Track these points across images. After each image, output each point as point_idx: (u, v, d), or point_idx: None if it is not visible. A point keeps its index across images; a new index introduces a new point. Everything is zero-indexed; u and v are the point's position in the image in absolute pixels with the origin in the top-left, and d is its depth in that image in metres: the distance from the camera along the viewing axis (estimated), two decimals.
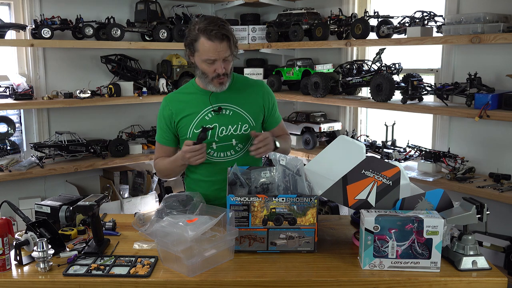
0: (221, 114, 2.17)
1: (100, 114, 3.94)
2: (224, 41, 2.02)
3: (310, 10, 3.84)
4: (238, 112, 2.19)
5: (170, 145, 2.27)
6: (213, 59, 2.04)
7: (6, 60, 3.57)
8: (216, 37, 1.99)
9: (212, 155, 2.18)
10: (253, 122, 2.21)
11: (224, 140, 2.17)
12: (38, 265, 1.66)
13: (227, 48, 2.04)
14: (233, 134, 2.17)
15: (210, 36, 2.00)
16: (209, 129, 2.06)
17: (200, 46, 2.04)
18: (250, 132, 2.17)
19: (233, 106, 2.19)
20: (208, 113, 2.17)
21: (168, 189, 4.08)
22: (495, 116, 2.64)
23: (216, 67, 2.06)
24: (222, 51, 2.03)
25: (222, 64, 2.05)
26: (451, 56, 3.15)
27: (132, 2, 3.91)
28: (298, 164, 1.85)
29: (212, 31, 1.99)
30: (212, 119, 2.16)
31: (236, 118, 2.18)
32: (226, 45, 2.03)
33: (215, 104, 2.17)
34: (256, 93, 2.26)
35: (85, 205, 1.81)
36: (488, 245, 2.59)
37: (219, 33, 1.99)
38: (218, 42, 2.00)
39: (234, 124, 2.17)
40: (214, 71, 2.07)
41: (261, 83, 2.34)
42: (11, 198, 2.19)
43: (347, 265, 1.71)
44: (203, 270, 1.65)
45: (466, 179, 2.85)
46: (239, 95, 2.21)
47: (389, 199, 1.75)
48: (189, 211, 1.90)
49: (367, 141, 3.56)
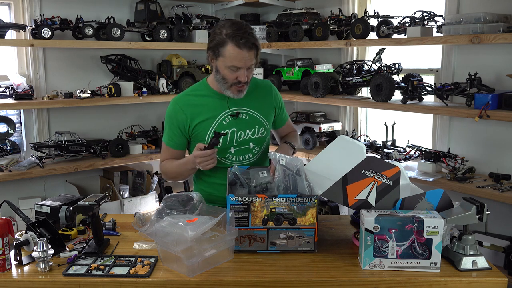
0: (239, 119, 2.15)
1: (100, 114, 3.94)
2: (252, 50, 1.98)
3: (310, 10, 3.84)
4: (254, 116, 2.18)
5: (179, 149, 2.21)
6: (238, 67, 2.00)
7: (6, 60, 3.57)
8: (245, 45, 1.95)
9: (231, 159, 2.17)
10: (267, 124, 2.23)
11: (242, 144, 2.16)
12: (38, 265, 1.66)
13: (253, 57, 2.00)
14: (251, 138, 2.17)
15: (239, 44, 1.95)
16: (222, 134, 2.01)
17: (227, 52, 1.98)
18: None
19: (249, 110, 2.17)
20: (225, 117, 2.14)
21: (168, 189, 4.08)
22: (495, 116, 2.64)
23: (239, 75, 2.02)
24: (248, 60, 1.99)
25: (245, 72, 2.02)
26: (451, 56, 3.15)
27: (132, 2, 3.91)
28: (298, 164, 1.85)
29: (242, 38, 1.95)
30: (229, 123, 2.13)
31: (253, 122, 2.17)
32: (253, 54, 1.99)
33: (232, 108, 2.14)
34: (267, 94, 2.26)
35: (85, 205, 1.81)
36: (488, 245, 2.59)
37: (249, 42, 1.96)
38: (246, 50, 1.96)
39: (252, 128, 2.17)
40: (236, 78, 2.03)
41: (269, 83, 2.33)
42: (11, 198, 2.19)
43: (347, 265, 1.71)
44: (203, 270, 1.65)
45: (466, 179, 2.85)
46: (254, 98, 2.19)
47: (389, 199, 1.75)
48: (189, 211, 1.90)
49: (367, 141, 3.56)
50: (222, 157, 2.15)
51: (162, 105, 4.13)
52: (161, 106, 4.15)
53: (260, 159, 2.23)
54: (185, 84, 3.96)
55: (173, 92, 3.92)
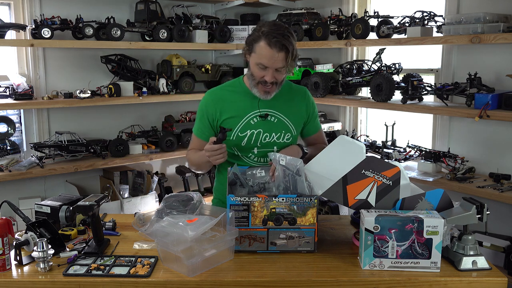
0: (267, 121, 2.15)
1: (100, 114, 3.94)
2: (283, 52, 1.96)
3: (310, 10, 3.84)
4: (283, 121, 2.18)
5: (207, 140, 2.18)
6: (266, 66, 2.00)
7: (6, 60, 3.57)
8: (276, 45, 1.95)
9: (253, 159, 2.18)
10: (295, 131, 2.21)
11: (266, 146, 2.16)
12: (38, 265, 1.66)
13: (283, 59, 1.98)
14: (276, 141, 2.17)
15: (271, 42, 1.95)
16: (228, 130, 2.01)
17: (258, 49, 2.00)
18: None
19: (279, 114, 2.17)
20: (254, 117, 2.14)
21: (168, 189, 4.08)
22: (495, 116, 2.64)
23: (266, 74, 2.02)
24: (277, 61, 1.98)
25: (273, 73, 2.01)
26: (451, 56, 3.15)
27: (132, 2, 3.90)
28: (298, 164, 1.85)
29: (274, 38, 1.94)
30: (257, 124, 2.14)
31: (281, 127, 2.17)
32: (283, 56, 1.97)
33: (262, 109, 2.14)
34: (299, 100, 2.24)
35: (85, 205, 1.81)
36: (488, 245, 2.59)
37: (280, 42, 1.94)
38: (276, 51, 1.95)
39: (278, 132, 2.16)
40: (263, 77, 2.03)
41: (304, 89, 2.31)
42: (11, 198, 2.19)
43: (347, 265, 1.71)
44: (203, 270, 1.65)
45: (466, 179, 2.85)
46: (286, 103, 2.19)
47: (389, 199, 1.75)
48: (189, 211, 1.90)
49: (367, 141, 3.56)
50: (245, 156, 2.17)
51: (162, 105, 4.13)
52: (161, 106, 4.15)
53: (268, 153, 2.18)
54: (185, 84, 3.96)
55: (173, 92, 3.92)
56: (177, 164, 4.32)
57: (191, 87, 4.00)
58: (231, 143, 2.14)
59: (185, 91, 3.97)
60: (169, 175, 4.29)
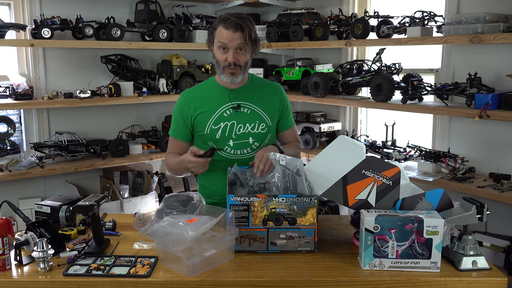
0: (240, 112, 2.19)
1: (100, 114, 3.94)
2: (238, 31, 2.07)
3: (310, 10, 3.84)
4: (256, 111, 2.22)
5: (183, 140, 2.27)
6: (225, 44, 2.08)
7: (6, 60, 3.57)
8: (231, 25, 2.06)
9: (229, 152, 2.20)
10: (270, 121, 2.24)
11: (241, 137, 2.19)
12: (38, 265, 1.66)
13: (240, 38, 2.07)
14: (251, 132, 2.20)
15: (226, 24, 2.08)
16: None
17: (217, 34, 2.12)
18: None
19: (251, 105, 2.21)
20: (227, 109, 2.19)
21: (168, 189, 4.08)
22: (495, 116, 2.64)
23: (228, 56, 2.10)
24: (234, 39, 2.07)
25: (234, 54, 2.09)
26: (451, 56, 3.15)
27: (132, 2, 3.91)
28: (297, 164, 1.85)
29: (229, 19, 2.08)
30: (230, 116, 2.18)
31: (254, 117, 2.21)
32: (240, 35, 2.07)
33: (234, 101, 2.20)
34: (273, 93, 2.29)
35: (85, 205, 1.81)
36: (488, 245, 2.59)
37: (234, 22, 2.06)
38: (232, 31, 2.06)
39: (252, 123, 2.20)
40: (226, 59, 2.11)
41: (278, 84, 2.37)
42: (11, 198, 2.19)
43: (347, 265, 1.71)
44: (203, 270, 1.65)
45: (466, 179, 2.85)
46: (258, 94, 2.25)
47: (389, 199, 1.75)
48: (189, 211, 1.90)
49: (367, 141, 3.56)
50: (221, 149, 2.19)
51: (162, 105, 4.13)
52: (161, 106, 4.15)
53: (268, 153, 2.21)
54: (185, 84, 3.96)
55: (173, 92, 3.92)
56: None
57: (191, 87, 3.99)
58: (206, 137, 2.20)
59: None
60: (169, 175, 4.29)
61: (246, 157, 2.20)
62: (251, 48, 2.13)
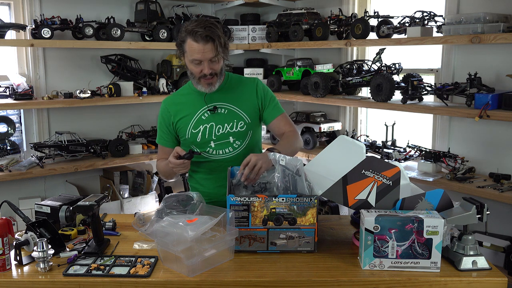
0: (217, 113, 2.21)
1: (100, 114, 3.94)
2: (209, 43, 2.04)
3: (310, 10, 3.84)
4: (233, 111, 2.23)
5: (170, 146, 2.30)
6: (199, 60, 2.08)
7: (6, 60, 3.57)
8: (201, 38, 2.03)
9: (211, 153, 2.23)
10: (248, 119, 2.24)
11: (222, 138, 2.21)
12: (38, 265, 1.66)
13: (212, 49, 2.06)
14: (230, 131, 2.21)
15: (196, 37, 2.04)
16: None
17: (187, 47, 2.09)
18: None
19: (227, 104, 2.23)
20: (204, 112, 2.22)
21: (168, 189, 4.08)
22: (495, 116, 2.64)
23: (202, 68, 2.10)
24: (207, 52, 2.06)
25: (209, 64, 2.09)
26: (451, 56, 3.15)
27: (132, 2, 3.91)
28: (297, 164, 1.85)
29: (197, 32, 2.03)
30: (208, 118, 2.21)
31: (232, 117, 2.22)
32: (211, 46, 2.05)
33: (210, 103, 2.22)
34: (249, 89, 2.29)
35: (85, 205, 1.81)
36: (488, 245, 2.59)
37: (203, 34, 2.03)
38: (203, 43, 2.04)
39: (230, 122, 2.21)
40: (201, 71, 2.11)
41: (254, 79, 2.36)
42: (11, 198, 2.19)
43: (347, 265, 1.71)
44: (203, 270, 1.65)
45: (466, 179, 2.85)
46: (233, 93, 2.25)
47: (389, 199, 1.75)
48: (189, 211, 1.90)
49: (367, 141, 3.56)
50: (203, 151, 2.22)
51: None
52: None
53: (243, 154, 2.19)
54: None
55: (173, 92, 3.91)
56: None
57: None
58: (188, 141, 2.24)
59: None
60: None
61: (229, 156, 2.23)
62: (223, 54, 2.13)
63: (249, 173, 1.91)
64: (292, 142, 2.22)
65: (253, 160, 1.92)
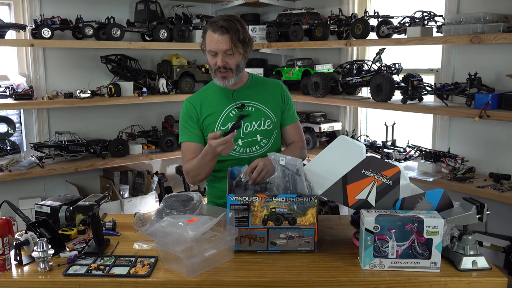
0: (245, 111, 2.21)
1: (100, 114, 3.94)
2: (225, 34, 2.05)
3: (310, 10, 3.84)
4: (260, 109, 2.24)
5: (199, 141, 2.21)
6: (214, 51, 2.09)
7: (6, 60, 3.57)
8: (218, 28, 2.05)
9: (238, 151, 2.22)
10: (274, 118, 2.26)
11: (249, 136, 2.21)
12: (38, 265, 1.66)
13: (227, 41, 2.05)
14: (257, 130, 2.22)
15: (213, 28, 2.06)
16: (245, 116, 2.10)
17: (207, 38, 2.11)
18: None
19: (255, 103, 2.24)
20: (232, 110, 2.21)
21: (168, 189, 4.08)
22: (495, 116, 2.64)
23: (217, 60, 2.10)
24: (221, 44, 2.06)
25: (223, 57, 2.09)
26: (451, 56, 3.15)
27: (132, 2, 3.91)
28: (297, 164, 1.85)
29: (216, 22, 2.06)
30: (236, 115, 2.20)
31: (259, 115, 2.23)
32: (227, 38, 2.05)
33: (237, 101, 2.22)
34: (274, 90, 2.31)
35: (85, 205, 1.81)
36: (488, 245, 2.59)
37: (220, 25, 2.04)
38: (219, 34, 2.05)
39: (258, 120, 2.22)
40: (216, 63, 2.11)
41: (278, 81, 2.39)
42: (11, 198, 2.19)
43: (347, 265, 1.71)
44: (203, 270, 1.65)
45: (466, 179, 2.85)
46: (260, 92, 2.27)
47: (389, 199, 1.75)
48: (189, 211, 1.90)
49: (367, 141, 3.56)
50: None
51: (162, 105, 4.13)
52: (161, 106, 4.15)
53: (268, 152, 2.15)
54: (185, 84, 3.96)
55: (173, 92, 3.92)
56: (177, 164, 4.32)
57: (191, 87, 4.00)
58: None
59: (185, 91, 3.97)
60: (169, 175, 4.30)
61: (255, 154, 2.22)
62: (242, 49, 2.12)
63: (257, 176, 1.95)
64: (297, 156, 2.16)
65: (260, 164, 1.97)
